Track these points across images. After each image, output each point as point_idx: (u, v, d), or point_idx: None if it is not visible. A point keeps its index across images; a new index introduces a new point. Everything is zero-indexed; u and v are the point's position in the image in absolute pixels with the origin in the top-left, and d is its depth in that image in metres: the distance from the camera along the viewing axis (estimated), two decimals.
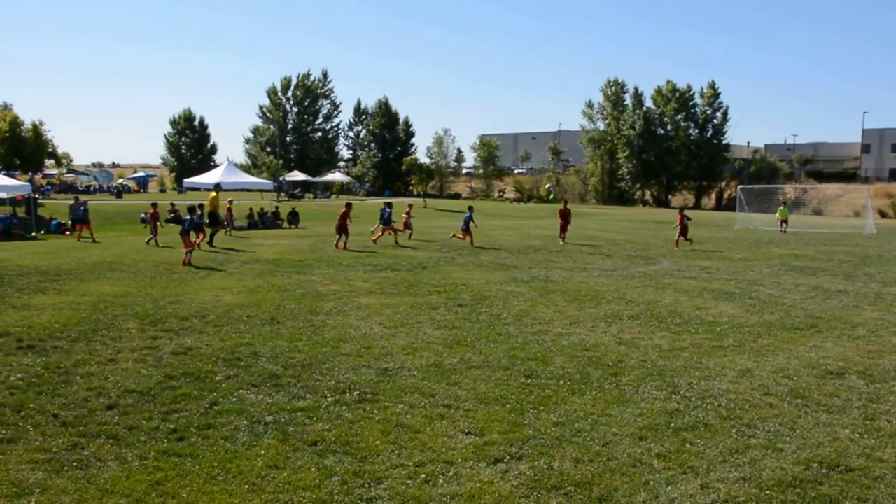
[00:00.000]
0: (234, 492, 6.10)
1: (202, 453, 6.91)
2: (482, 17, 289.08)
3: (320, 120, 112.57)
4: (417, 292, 16.83)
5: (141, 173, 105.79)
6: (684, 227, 30.74)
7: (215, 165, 70.91)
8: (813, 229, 46.62)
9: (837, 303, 16.47)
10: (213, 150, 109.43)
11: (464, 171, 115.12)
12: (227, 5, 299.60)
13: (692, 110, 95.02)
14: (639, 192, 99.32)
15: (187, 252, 21.89)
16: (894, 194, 77.68)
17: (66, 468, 6.53)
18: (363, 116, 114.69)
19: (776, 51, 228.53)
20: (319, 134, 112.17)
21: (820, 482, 6.48)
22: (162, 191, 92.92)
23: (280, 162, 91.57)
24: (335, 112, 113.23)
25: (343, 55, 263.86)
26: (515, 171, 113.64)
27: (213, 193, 31.54)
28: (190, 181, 50.39)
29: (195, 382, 9.18)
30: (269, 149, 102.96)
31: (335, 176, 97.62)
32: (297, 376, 9.55)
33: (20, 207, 42.09)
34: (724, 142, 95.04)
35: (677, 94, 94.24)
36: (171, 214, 41.88)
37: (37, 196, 46.62)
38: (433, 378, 9.59)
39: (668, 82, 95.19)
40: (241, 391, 8.85)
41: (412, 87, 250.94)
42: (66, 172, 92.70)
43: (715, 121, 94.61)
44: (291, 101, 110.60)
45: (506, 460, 6.86)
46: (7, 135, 56.27)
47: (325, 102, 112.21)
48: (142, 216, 44.73)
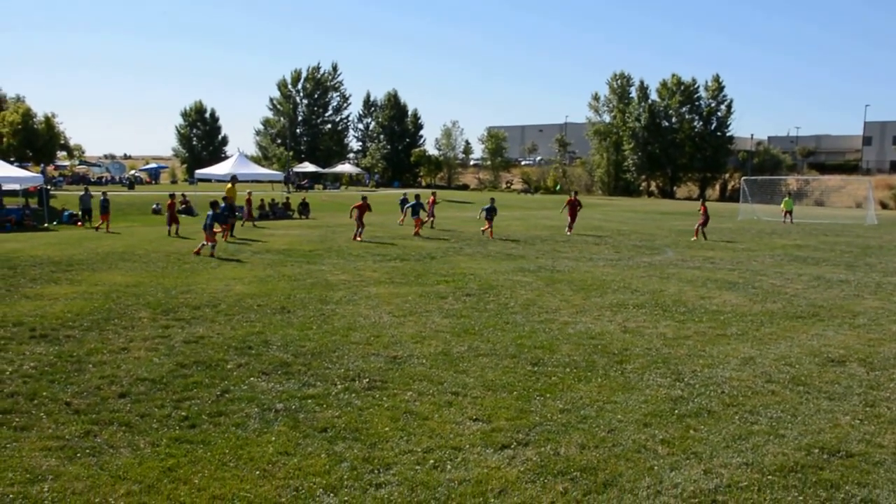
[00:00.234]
0: (245, 478, 6.18)
1: (214, 440, 6.99)
2: (490, 12, 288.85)
3: (330, 112, 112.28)
4: (426, 282, 16.95)
5: (153, 165, 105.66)
6: (706, 217, 30.69)
7: (226, 157, 70.93)
8: (815, 220, 46.64)
9: (839, 292, 16.54)
10: (224, 141, 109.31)
11: (471, 162, 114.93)
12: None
13: (697, 103, 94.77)
14: (644, 184, 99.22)
15: (211, 246, 21.75)
16: (895, 186, 77.26)
17: (79, 455, 6.60)
18: (372, 109, 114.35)
19: (779, 45, 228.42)
20: (329, 126, 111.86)
21: (821, 467, 6.57)
22: (173, 182, 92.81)
23: (290, 153, 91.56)
24: (345, 104, 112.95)
25: (353, 49, 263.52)
26: (522, 163, 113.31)
27: (228, 185, 31.70)
28: (201, 172, 50.36)
29: (207, 370, 9.28)
30: (279, 140, 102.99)
31: (345, 167, 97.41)
32: (308, 364, 9.65)
33: (32, 199, 42.10)
34: (727, 134, 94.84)
35: (682, 88, 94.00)
36: (182, 206, 41.96)
37: (49, 187, 46.74)
38: (441, 366, 9.69)
39: (673, 76, 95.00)
40: (252, 379, 8.95)
41: (421, 80, 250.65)
42: (79, 164, 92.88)
43: (719, 113, 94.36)
44: (301, 94, 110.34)
45: (513, 446, 6.95)
46: (20, 127, 56.66)
47: (334, 95, 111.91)
48: (154, 207, 44.90)
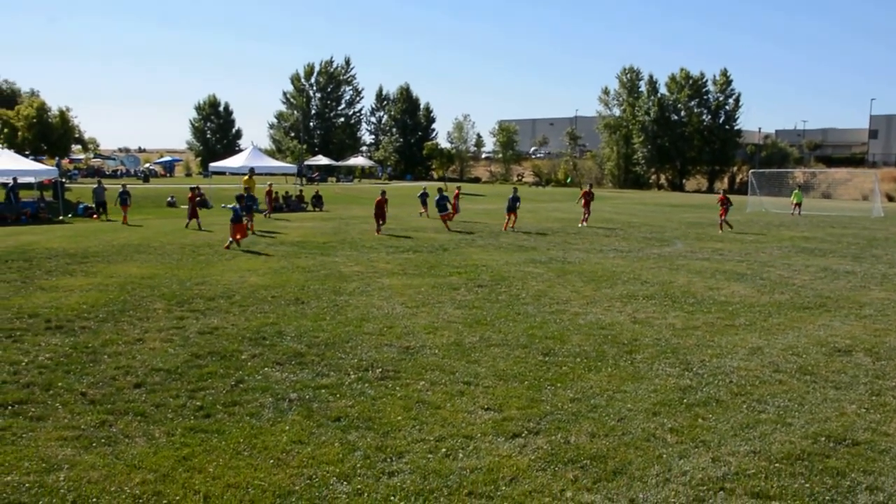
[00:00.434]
0: (259, 466, 6.27)
1: (228, 429, 7.07)
2: (503, 8, 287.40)
3: (343, 106, 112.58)
4: (438, 273, 17.03)
5: (167, 158, 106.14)
6: (725, 209, 30.69)
7: (240, 150, 71.11)
8: (822, 212, 46.54)
9: (845, 283, 16.55)
10: (238, 135, 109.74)
11: (483, 155, 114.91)
12: None
13: (705, 97, 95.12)
14: (653, 177, 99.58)
15: (238, 240, 21.72)
16: None
17: (95, 444, 6.70)
18: (385, 102, 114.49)
19: (786, 40, 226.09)
20: (342, 119, 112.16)
21: (827, 455, 6.63)
22: (188, 175, 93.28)
23: (304, 146, 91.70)
24: (357, 98, 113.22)
25: (365, 42, 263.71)
26: (533, 156, 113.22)
27: (246, 176, 31.88)
28: (215, 165, 50.48)
29: (221, 361, 9.38)
30: (292, 134, 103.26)
31: (358, 160, 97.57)
32: (321, 355, 9.75)
33: (47, 191, 42.45)
34: (736, 128, 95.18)
35: (691, 82, 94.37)
36: (197, 198, 42.14)
37: (64, 180, 47.02)
38: (453, 356, 9.77)
39: (681, 70, 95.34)
40: (266, 369, 9.05)
41: (433, 74, 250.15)
42: (93, 157, 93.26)
43: (727, 107, 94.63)
44: (315, 88, 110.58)
45: (524, 435, 7.02)
46: (34, 121, 56.97)
47: (347, 89, 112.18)
48: (168, 200, 45.12)
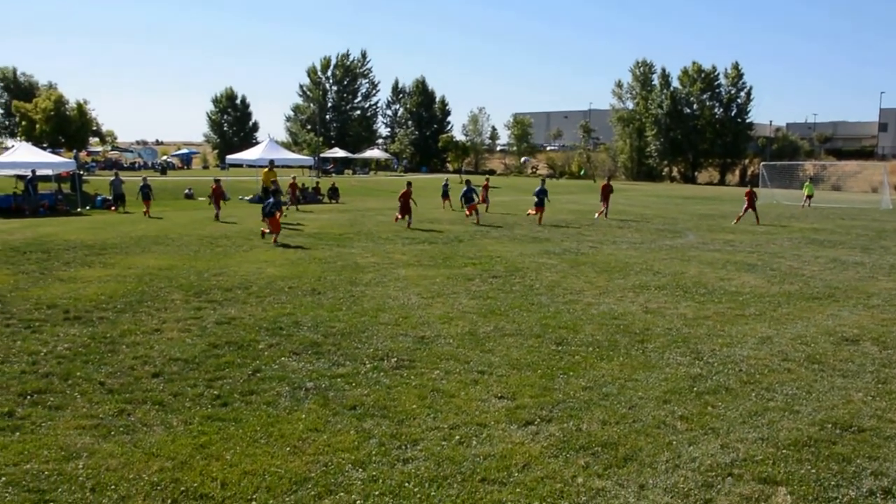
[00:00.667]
0: (275, 454, 6.36)
1: (245, 418, 7.17)
2: (519, 2, 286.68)
3: (359, 98, 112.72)
4: (453, 264, 17.15)
5: (184, 150, 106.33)
6: (752, 203, 30.61)
7: (257, 142, 71.45)
8: (832, 204, 46.51)
9: (854, 274, 16.58)
10: (255, 127, 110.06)
11: (498, 148, 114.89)
12: None
13: (717, 90, 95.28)
14: (666, 169, 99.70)
15: (275, 234, 21.60)
16: None
17: (113, 433, 6.79)
18: (401, 95, 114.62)
19: (796, 33, 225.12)
20: (358, 112, 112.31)
21: (834, 442, 6.72)
22: (205, 167, 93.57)
23: (320, 139, 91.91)
24: (374, 91, 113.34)
25: (385, 31, 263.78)
26: (548, 149, 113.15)
27: (266, 169, 32.09)
28: (232, 158, 50.75)
29: (238, 351, 9.49)
30: (309, 126, 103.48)
31: (374, 153, 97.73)
32: (337, 344, 9.86)
33: (65, 184, 42.76)
34: (747, 120, 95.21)
35: (703, 75, 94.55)
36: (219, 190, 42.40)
37: (81, 173, 47.38)
38: (468, 345, 9.87)
39: (693, 63, 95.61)
40: (282, 359, 9.16)
41: (449, 66, 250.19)
42: (111, 150, 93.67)
43: (739, 100, 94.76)
44: (331, 81, 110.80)
45: (536, 423, 7.12)
46: (52, 113, 57.29)
47: (363, 82, 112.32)
48: (186, 192, 45.42)
